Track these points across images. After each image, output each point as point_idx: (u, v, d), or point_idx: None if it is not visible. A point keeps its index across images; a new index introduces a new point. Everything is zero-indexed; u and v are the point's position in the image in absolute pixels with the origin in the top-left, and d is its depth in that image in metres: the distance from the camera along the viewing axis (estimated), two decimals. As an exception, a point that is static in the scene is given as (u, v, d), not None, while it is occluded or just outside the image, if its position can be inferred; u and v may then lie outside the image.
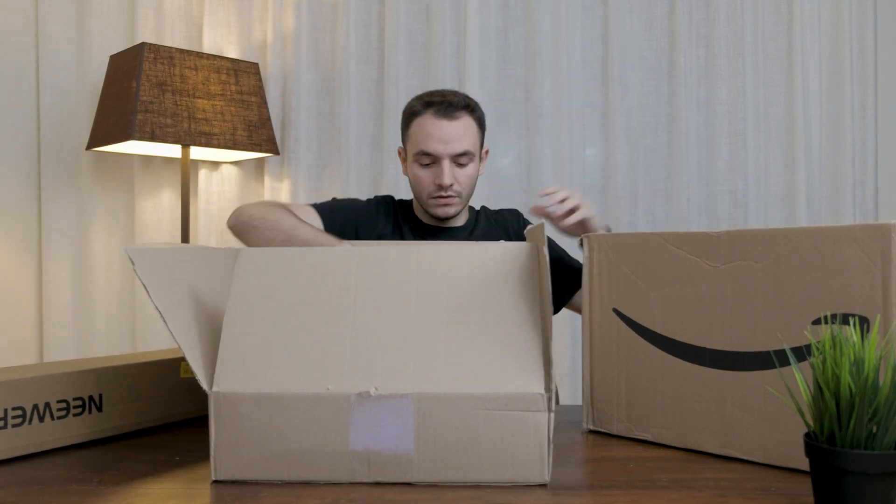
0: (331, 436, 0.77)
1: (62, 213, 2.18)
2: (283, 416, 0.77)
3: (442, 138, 1.37)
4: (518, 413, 0.75)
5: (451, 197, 1.41)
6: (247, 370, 0.79)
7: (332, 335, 0.81)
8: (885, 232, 0.75)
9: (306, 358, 0.79)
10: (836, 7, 2.14)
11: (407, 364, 0.78)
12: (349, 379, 0.77)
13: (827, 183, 2.16)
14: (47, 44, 2.16)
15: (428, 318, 0.81)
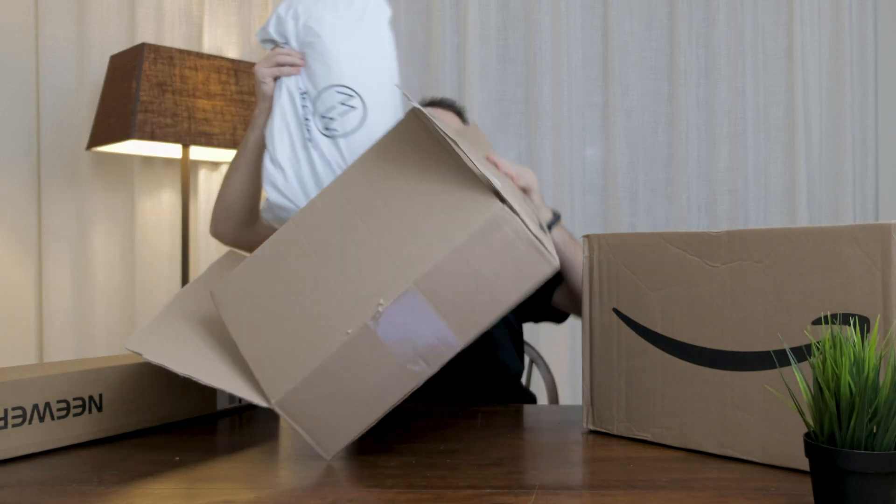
0: (382, 362, 0.83)
1: (62, 213, 2.17)
2: (335, 379, 0.84)
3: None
4: (496, 235, 0.82)
5: None
6: (280, 367, 0.86)
7: (318, 295, 0.87)
8: (885, 232, 0.75)
9: (314, 326, 0.85)
10: (836, 7, 2.14)
11: (388, 268, 0.84)
12: (358, 314, 0.83)
13: (827, 183, 2.16)
14: (47, 44, 2.16)
15: (376, 223, 0.88)
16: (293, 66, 1.21)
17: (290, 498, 0.75)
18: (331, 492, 0.76)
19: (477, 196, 0.83)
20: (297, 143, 1.18)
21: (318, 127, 1.17)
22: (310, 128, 1.18)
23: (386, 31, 1.21)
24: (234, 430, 1.07)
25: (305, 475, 0.82)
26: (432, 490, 0.76)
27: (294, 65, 1.21)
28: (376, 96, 1.17)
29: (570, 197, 2.15)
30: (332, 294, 0.86)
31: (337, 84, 1.17)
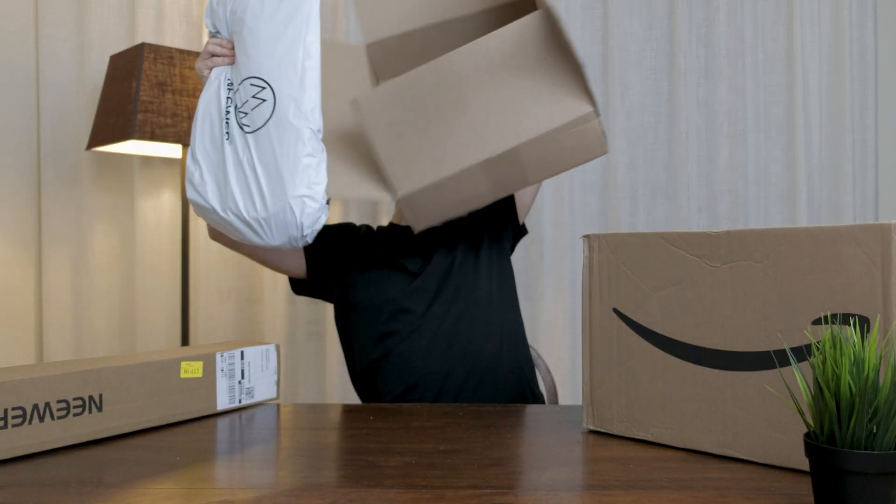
0: (478, 188, 1.20)
1: (62, 213, 2.18)
2: (444, 192, 1.19)
3: None
4: (581, 127, 1.16)
5: None
6: (409, 172, 1.19)
7: (446, 129, 1.17)
8: (885, 232, 0.75)
9: (439, 150, 1.17)
10: (836, 7, 2.14)
11: (502, 129, 1.16)
12: (474, 154, 1.17)
13: (827, 183, 2.16)
14: (47, 44, 2.16)
15: (499, 96, 1.16)
16: (223, 56, 1.18)
17: (290, 498, 0.75)
18: (331, 492, 0.76)
19: (577, 96, 1.15)
20: (217, 138, 1.15)
21: (236, 120, 1.14)
22: (229, 122, 1.15)
23: (311, 9, 1.17)
24: (234, 430, 1.07)
25: (305, 475, 0.82)
26: (432, 490, 0.76)
27: (224, 55, 1.18)
28: (289, 85, 1.12)
29: (570, 197, 2.15)
30: (456, 132, 1.16)
31: (252, 75, 1.13)
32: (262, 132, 1.11)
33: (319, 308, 2.22)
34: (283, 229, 1.13)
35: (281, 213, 1.12)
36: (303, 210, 1.12)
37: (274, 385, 1.24)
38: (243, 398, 1.19)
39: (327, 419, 1.12)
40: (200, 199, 1.16)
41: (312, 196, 1.12)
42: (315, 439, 0.99)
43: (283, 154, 1.11)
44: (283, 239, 1.15)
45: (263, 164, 1.11)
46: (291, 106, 1.11)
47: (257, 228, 1.14)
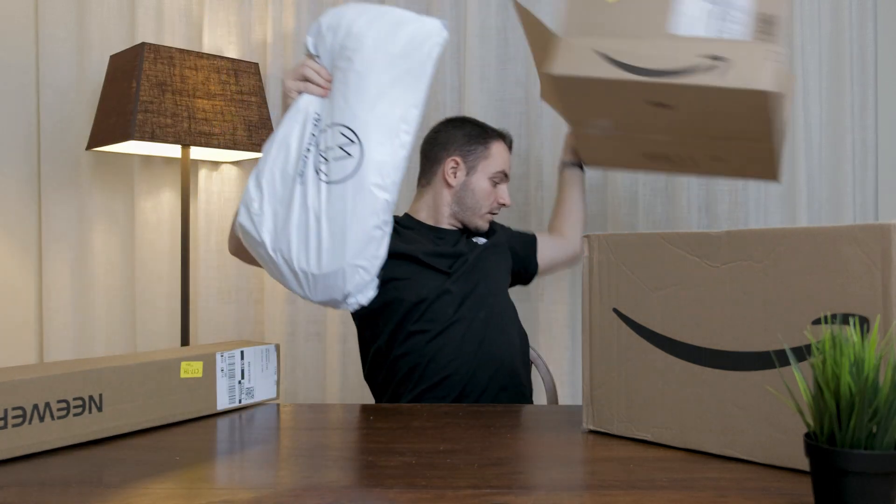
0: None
1: (62, 213, 2.17)
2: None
3: (508, 164, 1.63)
4: None
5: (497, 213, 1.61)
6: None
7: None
8: (885, 232, 0.75)
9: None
10: (836, 7, 2.14)
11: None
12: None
13: (827, 183, 2.16)
14: (47, 43, 2.16)
15: None
16: (318, 86, 1.11)
17: (290, 498, 0.75)
18: (331, 492, 0.76)
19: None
20: (289, 173, 1.07)
21: (314, 162, 1.07)
22: (307, 159, 1.07)
23: (428, 68, 1.10)
24: (234, 430, 1.07)
25: (305, 475, 0.82)
26: (432, 490, 0.76)
27: (319, 84, 1.10)
28: (379, 149, 1.05)
29: (570, 197, 2.15)
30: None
31: (345, 124, 1.06)
32: (339, 187, 1.04)
33: (320, 308, 2.22)
34: (327, 290, 1.08)
35: (332, 276, 1.06)
36: (355, 279, 1.07)
37: (274, 385, 1.24)
38: (243, 398, 1.19)
39: (327, 419, 1.12)
40: (253, 228, 1.09)
41: (368, 269, 1.07)
42: (315, 439, 0.99)
43: (354, 218, 1.04)
44: (322, 297, 1.10)
45: (330, 219, 1.04)
46: (376, 173, 1.05)
47: (302, 280, 1.08)
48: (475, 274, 1.46)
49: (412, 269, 1.42)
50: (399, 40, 1.08)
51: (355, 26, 1.09)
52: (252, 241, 1.11)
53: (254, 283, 2.24)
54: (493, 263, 1.53)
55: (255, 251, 1.13)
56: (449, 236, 1.55)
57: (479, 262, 1.49)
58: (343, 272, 1.06)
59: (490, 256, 1.53)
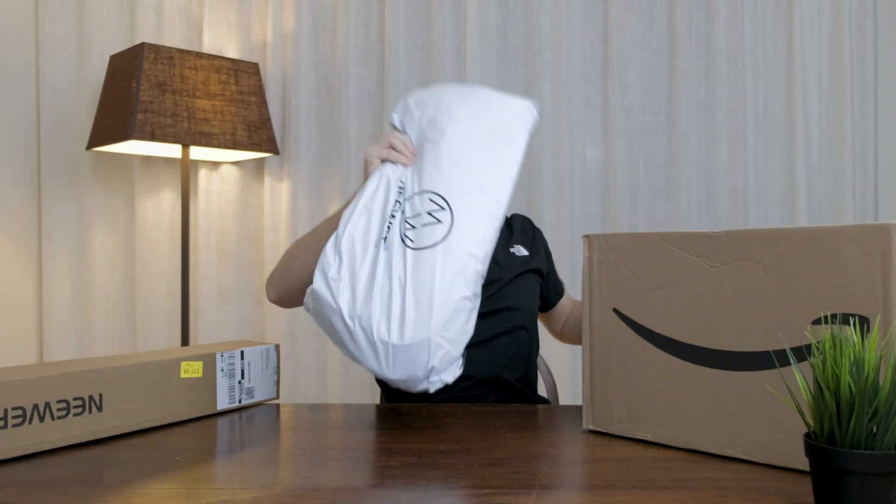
0: None
1: (62, 213, 2.18)
2: None
3: None
4: None
5: None
6: None
7: None
8: (885, 232, 0.75)
9: None
10: (836, 7, 2.14)
11: None
12: None
13: (827, 183, 2.16)
14: (47, 44, 2.16)
15: None
16: (402, 156, 1.09)
17: (290, 498, 0.75)
18: (331, 492, 0.76)
19: None
20: (371, 238, 1.02)
21: (399, 229, 1.01)
22: (391, 226, 1.02)
23: (520, 144, 1.07)
24: (234, 430, 1.07)
25: (305, 475, 0.82)
26: (432, 490, 0.76)
27: (404, 154, 1.09)
28: (470, 218, 1.01)
29: (570, 197, 2.15)
30: None
31: (435, 191, 1.02)
32: (427, 253, 0.98)
33: (319, 308, 2.21)
34: (408, 365, 0.96)
35: (416, 347, 0.95)
36: (439, 353, 0.96)
37: (274, 385, 1.24)
38: (243, 398, 1.19)
39: (327, 419, 1.12)
40: (329, 295, 1.00)
41: (455, 343, 0.97)
42: (315, 439, 0.99)
43: (442, 285, 0.97)
44: (402, 374, 0.97)
45: (416, 287, 0.97)
46: (469, 240, 1.00)
47: (380, 353, 0.97)
48: (510, 272, 1.39)
49: None
50: (491, 115, 1.08)
51: (446, 101, 1.09)
52: (326, 309, 1.00)
53: (254, 284, 2.24)
54: (528, 286, 1.42)
55: (327, 320, 1.02)
56: None
57: (511, 261, 1.41)
58: (428, 344, 0.95)
59: (526, 277, 1.43)
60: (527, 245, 1.49)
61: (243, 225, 2.24)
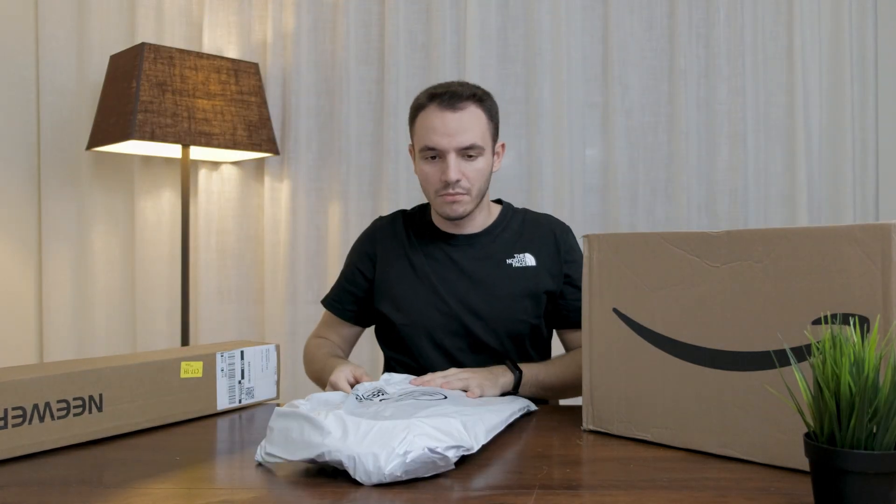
0: None
1: (62, 213, 2.18)
2: None
3: (446, 131, 1.28)
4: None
5: (459, 194, 1.31)
6: None
7: None
8: (885, 232, 0.75)
9: None
10: (836, 7, 2.14)
11: None
12: None
13: (827, 183, 2.16)
14: (47, 44, 2.16)
15: None
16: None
17: (290, 498, 0.75)
18: (331, 492, 0.76)
19: None
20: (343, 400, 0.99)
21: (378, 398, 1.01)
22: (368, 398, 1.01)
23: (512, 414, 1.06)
24: (234, 430, 1.07)
25: (305, 475, 0.82)
26: (432, 490, 0.76)
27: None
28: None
29: (570, 197, 2.15)
30: None
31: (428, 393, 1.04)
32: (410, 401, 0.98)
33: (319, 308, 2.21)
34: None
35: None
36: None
37: (274, 385, 1.24)
38: (243, 398, 1.19)
39: (327, 419, 1.12)
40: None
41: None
42: (315, 439, 0.99)
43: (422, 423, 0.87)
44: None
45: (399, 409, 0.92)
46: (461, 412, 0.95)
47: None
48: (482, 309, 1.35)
49: (419, 293, 1.40)
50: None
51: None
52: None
53: (254, 284, 2.25)
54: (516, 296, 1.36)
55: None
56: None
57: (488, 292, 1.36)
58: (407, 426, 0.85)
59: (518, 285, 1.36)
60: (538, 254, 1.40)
61: (243, 225, 2.24)
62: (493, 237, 1.41)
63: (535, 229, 1.43)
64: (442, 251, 1.39)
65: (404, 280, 1.38)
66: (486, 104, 1.34)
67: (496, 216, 1.44)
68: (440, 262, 1.38)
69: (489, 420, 0.94)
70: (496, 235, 1.41)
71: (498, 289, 1.35)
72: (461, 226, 1.39)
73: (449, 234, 1.41)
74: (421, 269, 1.38)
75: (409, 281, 1.38)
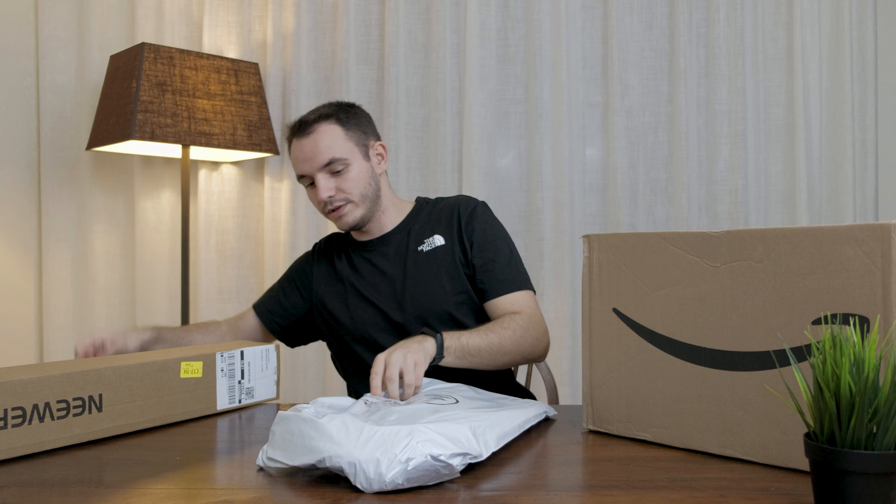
0: None
1: (62, 213, 2.18)
2: None
3: (304, 157, 1.36)
4: None
5: (341, 207, 1.36)
6: None
7: None
8: (885, 232, 0.75)
9: None
10: (836, 7, 2.14)
11: None
12: None
13: (827, 183, 2.16)
14: (47, 44, 2.16)
15: None
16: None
17: (290, 498, 0.75)
18: (331, 492, 0.76)
19: None
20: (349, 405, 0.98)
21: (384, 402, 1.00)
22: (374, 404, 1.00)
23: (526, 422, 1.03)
24: (234, 430, 1.07)
25: (305, 475, 0.82)
26: (433, 490, 0.76)
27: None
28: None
29: (570, 197, 2.15)
30: None
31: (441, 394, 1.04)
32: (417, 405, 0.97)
33: (319, 308, 2.22)
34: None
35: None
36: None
37: (274, 385, 1.24)
38: (243, 398, 1.19)
39: (327, 419, 1.12)
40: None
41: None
42: (315, 439, 0.99)
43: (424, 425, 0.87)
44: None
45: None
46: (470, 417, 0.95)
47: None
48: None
49: (361, 304, 1.42)
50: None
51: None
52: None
53: (254, 284, 2.24)
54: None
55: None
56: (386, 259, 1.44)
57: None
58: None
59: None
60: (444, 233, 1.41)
61: (243, 225, 2.24)
62: (405, 232, 1.44)
63: (443, 210, 1.44)
64: (361, 257, 1.44)
65: (335, 295, 1.43)
66: (338, 118, 1.38)
67: (408, 212, 1.47)
68: (361, 268, 1.43)
69: (502, 426, 0.92)
70: (409, 228, 1.44)
71: (415, 277, 1.37)
72: (370, 230, 1.44)
73: (364, 241, 1.45)
74: (347, 280, 1.43)
75: (338, 294, 1.42)
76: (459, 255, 1.38)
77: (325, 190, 1.35)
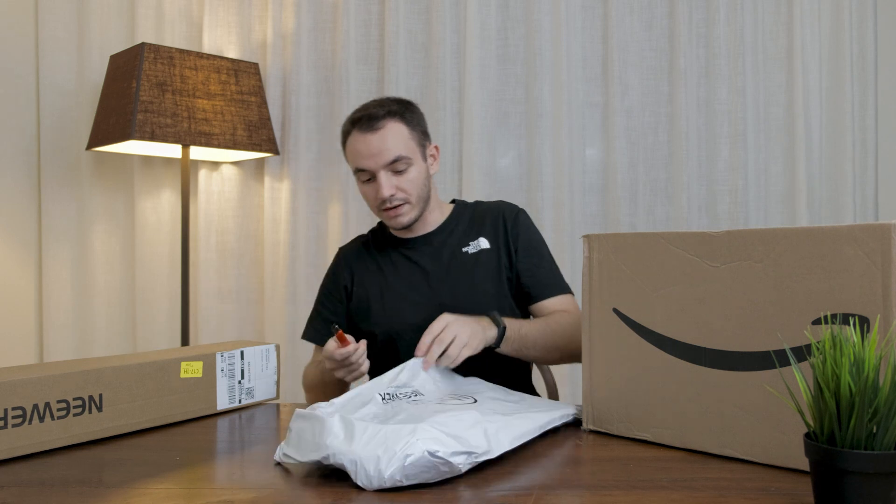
0: None
1: (62, 213, 2.17)
2: None
3: (370, 153, 1.35)
4: None
5: (399, 206, 1.37)
6: None
7: None
8: (885, 232, 0.75)
9: None
10: (836, 7, 2.14)
11: None
12: None
13: (827, 183, 2.16)
14: (47, 44, 2.16)
15: None
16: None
17: (290, 498, 0.75)
18: (331, 492, 0.76)
19: None
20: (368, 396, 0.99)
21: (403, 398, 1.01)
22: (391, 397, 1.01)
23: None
24: (234, 430, 1.07)
25: (305, 475, 0.82)
26: (433, 490, 0.76)
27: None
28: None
29: (570, 197, 2.15)
30: None
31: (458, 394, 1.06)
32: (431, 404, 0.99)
33: (319, 308, 2.22)
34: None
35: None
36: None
37: (274, 385, 1.24)
38: (243, 398, 1.19)
39: (327, 419, 1.12)
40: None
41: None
42: (315, 439, 0.99)
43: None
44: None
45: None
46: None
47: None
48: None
49: (396, 297, 1.43)
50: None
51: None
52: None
53: (254, 284, 2.24)
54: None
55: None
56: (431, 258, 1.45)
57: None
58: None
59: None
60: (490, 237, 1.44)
61: (243, 225, 2.24)
62: (448, 232, 1.46)
63: (486, 215, 1.48)
64: (402, 256, 1.45)
65: (376, 294, 1.43)
66: (404, 116, 1.39)
67: (449, 213, 1.49)
68: (402, 266, 1.43)
69: (518, 427, 0.92)
70: (451, 229, 1.46)
71: (458, 277, 1.40)
72: (414, 229, 1.45)
73: (406, 238, 1.46)
74: (389, 279, 1.43)
75: (380, 293, 1.43)
76: (504, 260, 1.42)
77: (387, 188, 1.34)
